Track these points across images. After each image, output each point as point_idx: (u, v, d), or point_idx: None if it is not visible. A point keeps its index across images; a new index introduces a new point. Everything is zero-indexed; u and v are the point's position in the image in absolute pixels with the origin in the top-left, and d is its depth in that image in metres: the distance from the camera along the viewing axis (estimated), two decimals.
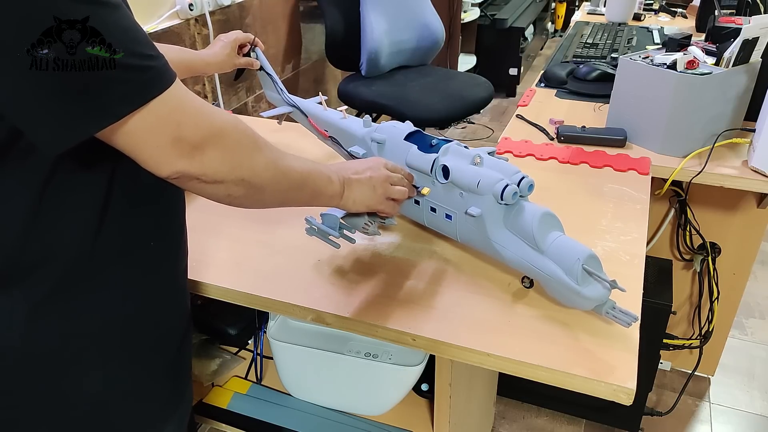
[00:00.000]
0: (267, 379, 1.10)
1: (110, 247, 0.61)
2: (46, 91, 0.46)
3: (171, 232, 0.70)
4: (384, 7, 2.11)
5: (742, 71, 1.11)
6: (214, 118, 0.56)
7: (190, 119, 0.54)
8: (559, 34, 4.95)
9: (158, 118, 0.52)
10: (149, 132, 0.52)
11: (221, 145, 0.56)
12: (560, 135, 1.21)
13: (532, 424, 1.61)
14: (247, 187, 0.60)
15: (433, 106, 2.04)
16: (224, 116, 0.58)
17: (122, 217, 0.62)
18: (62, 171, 0.56)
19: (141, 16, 1.49)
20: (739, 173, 1.10)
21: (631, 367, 0.66)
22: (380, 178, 0.75)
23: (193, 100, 0.55)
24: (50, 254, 0.58)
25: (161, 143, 0.52)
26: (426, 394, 1.02)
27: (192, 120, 0.54)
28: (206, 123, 0.55)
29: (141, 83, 0.50)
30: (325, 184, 0.70)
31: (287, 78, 2.29)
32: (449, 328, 0.72)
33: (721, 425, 1.60)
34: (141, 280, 0.66)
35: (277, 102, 1.14)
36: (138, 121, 0.51)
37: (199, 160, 0.55)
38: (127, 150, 0.52)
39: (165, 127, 0.52)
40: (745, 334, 1.89)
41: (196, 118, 0.54)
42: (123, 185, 0.60)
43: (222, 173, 0.57)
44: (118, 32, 0.48)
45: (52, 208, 0.57)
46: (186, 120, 0.53)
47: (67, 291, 0.60)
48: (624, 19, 2.08)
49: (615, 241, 0.88)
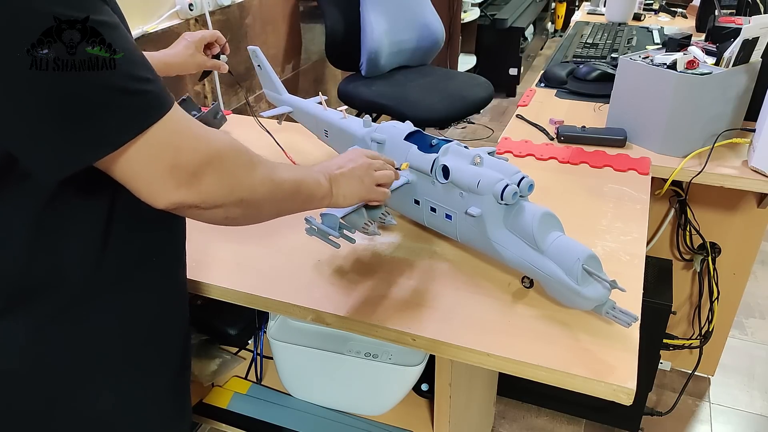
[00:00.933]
0: (267, 379, 1.10)
1: (114, 266, 0.61)
2: (42, 115, 0.45)
3: (173, 244, 0.70)
4: (384, 7, 2.11)
5: (742, 71, 1.11)
6: (211, 141, 0.54)
7: (188, 144, 0.52)
8: (559, 34, 4.95)
9: (157, 144, 0.50)
10: (147, 160, 0.50)
11: (220, 168, 0.54)
12: (560, 135, 1.21)
13: (532, 424, 1.61)
14: (246, 206, 0.59)
15: (433, 106, 2.04)
16: (220, 137, 0.56)
17: (126, 235, 0.61)
18: (63, 195, 0.55)
19: (141, 16, 1.49)
20: (739, 173, 1.10)
21: (631, 367, 0.66)
22: (363, 167, 0.74)
23: (190, 124, 0.53)
24: (53, 277, 0.57)
25: (159, 171, 0.50)
26: (426, 394, 1.02)
27: (190, 145, 0.52)
28: (204, 147, 0.53)
29: (139, 109, 0.49)
30: (315, 187, 0.69)
31: (287, 78, 2.29)
32: (449, 328, 0.72)
33: (721, 425, 1.60)
34: (145, 297, 0.65)
35: (277, 102, 1.14)
36: (136, 149, 0.49)
37: (197, 187, 0.53)
38: (123, 179, 0.51)
39: (163, 154, 0.50)
40: (745, 334, 1.89)
41: (194, 143, 0.52)
42: (125, 205, 0.59)
43: (221, 197, 0.55)
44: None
45: (53, 231, 0.56)
46: (184, 145, 0.51)
47: (72, 312, 0.59)
48: (624, 19, 2.08)
49: (615, 241, 0.88)
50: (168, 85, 0.53)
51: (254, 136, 1.29)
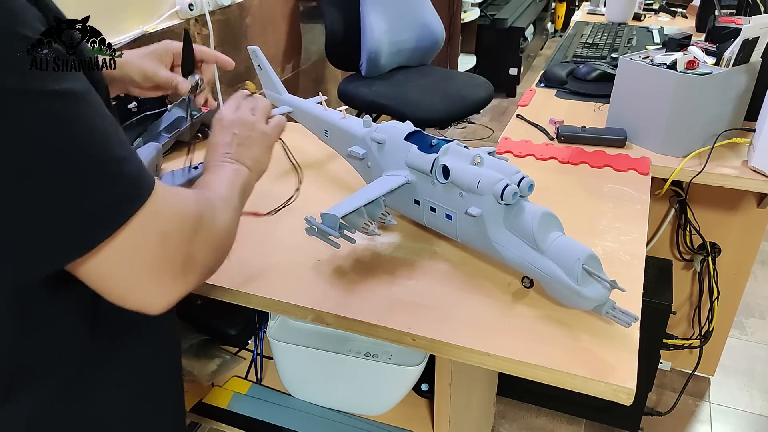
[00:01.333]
0: (267, 379, 1.10)
1: (106, 335, 0.57)
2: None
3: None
4: (384, 7, 2.11)
5: (742, 71, 1.11)
6: (189, 208, 0.47)
7: (174, 225, 0.44)
8: (559, 34, 4.95)
9: (141, 236, 0.42)
10: (129, 258, 0.42)
11: (204, 234, 0.47)
12: (560, 135, 1.21)
13: (532, 424, 1.61)
14: (228, 251, 0.54)
15: (433, 106, 2.04)
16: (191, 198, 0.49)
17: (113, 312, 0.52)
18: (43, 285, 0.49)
19: (141, 15, 1.49)
20: (739, 173, 1.10)
21: (631, 367, 0.66)
22: (246, 125, 0.72)
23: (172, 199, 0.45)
24: (49, 356, 0.53)
25: (146, 269, 0.42)
26: (426, 394, 1.02)
27: (176, 224, 0.44)
28: (187, 221, 0.46)
29: (116, 197, 0.41)
30: (247, 178, 0.67)
31: (287, 78, 2.29)
32: (449, 328, 0.72)
33: (721, 425, 1.60)
34: (140, 356, 0.63)
35: (277, 102, 1.14)
36: (115, 247, 0.41)
37: (193, 270, 0.46)
38: (100, 286, 0.43)
39: (149, 245, 0.42)
40: (745, 334, 1.89)
41: (178, 221, 0.45)
42: None
43: (216, 261, 0.50)
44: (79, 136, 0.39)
45: (37, 317, 0.50)
46: (170, 227, 0.44)
47: (72, 390, 0.56)
48: (624, 19, 2.08)
49: (615, 241, 0.88)
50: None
51: None
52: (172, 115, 1.24)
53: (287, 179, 1.10)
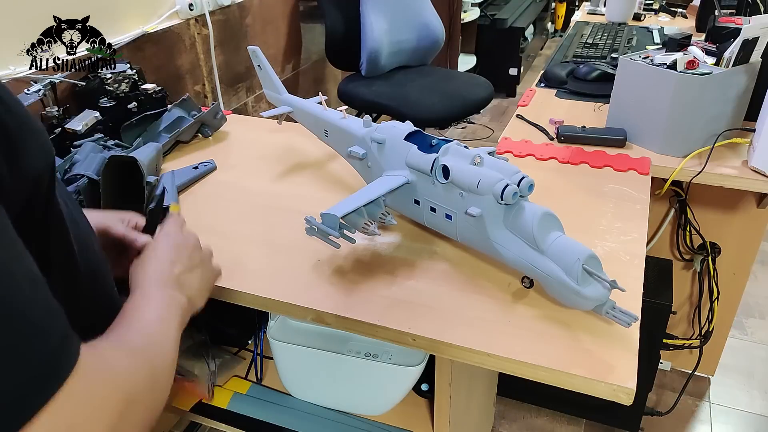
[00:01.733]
0: (267, 379, 1.10)
1: None
2: None
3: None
4: (384, 7, 2.11)
5: (742, 71, 1.11)
6: (123, 383, 0.41)
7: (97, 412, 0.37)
8: (559, 34, 4.95)
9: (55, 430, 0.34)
10: None
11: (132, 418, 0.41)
12: (560, 135, 1.21)
13: (532, 424, 1.61)
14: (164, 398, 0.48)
15: (433, 106, 2.04)
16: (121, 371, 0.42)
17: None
18: None
19: (141, 15, 1.49)
20: (739, 173, 1.10)
21: (631, 367, 0.66)
22: (202, 252, 0.67)
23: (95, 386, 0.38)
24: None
25: None
26: (426, 394, 1.02)
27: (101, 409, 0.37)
28: (115, 402, 0.39)
29: (24, 384, 0.33)
30: (177, 314, 0.58)
31: (287, 78, 2.29)
32: (449, 328, 0.72)
33: (721, 425, 1.60)
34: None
35: (277, 102, 1.14)
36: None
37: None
38: None
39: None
40: (745, 334, 1.89)
41: (100, 408, 0.37)
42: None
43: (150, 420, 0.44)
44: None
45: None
46: (92, 414, 0.36)
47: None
48: (624, 19, 2.08)
49: (615, 241, 0.88)
50: (168, 85, 0.48)
51: (254, 136, 1.30)
52: (172, 115, 1.24)
53: (287, 179, 1.10)
